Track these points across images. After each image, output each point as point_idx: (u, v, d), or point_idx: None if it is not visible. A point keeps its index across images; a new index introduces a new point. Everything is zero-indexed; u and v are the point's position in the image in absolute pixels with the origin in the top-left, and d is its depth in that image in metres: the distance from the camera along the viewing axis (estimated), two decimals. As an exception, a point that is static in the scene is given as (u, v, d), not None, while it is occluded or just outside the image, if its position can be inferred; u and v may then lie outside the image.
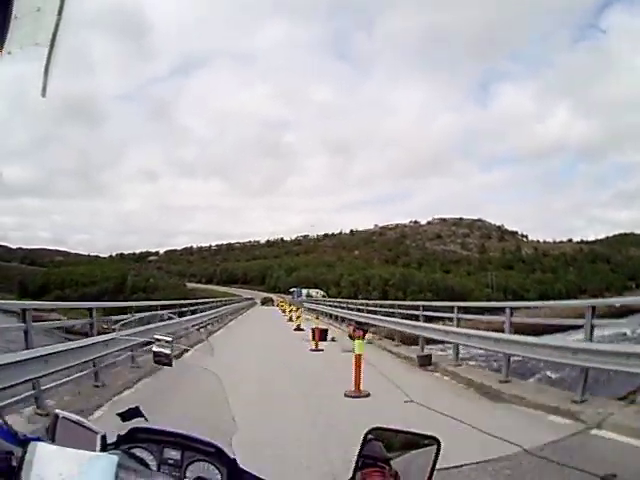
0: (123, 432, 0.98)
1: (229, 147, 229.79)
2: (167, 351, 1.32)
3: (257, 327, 20.36)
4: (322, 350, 11.09)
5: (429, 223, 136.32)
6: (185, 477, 0.96)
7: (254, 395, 6.01)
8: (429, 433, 0.92)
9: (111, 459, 0.60)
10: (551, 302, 12.74)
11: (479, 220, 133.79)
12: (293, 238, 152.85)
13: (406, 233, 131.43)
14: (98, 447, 0.80)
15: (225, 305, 23.92)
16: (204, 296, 33.53)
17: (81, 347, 5.24)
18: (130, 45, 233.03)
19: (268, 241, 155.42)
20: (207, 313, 16.62)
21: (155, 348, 1.32)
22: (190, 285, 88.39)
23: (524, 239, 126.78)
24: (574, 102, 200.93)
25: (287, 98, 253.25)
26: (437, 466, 0.85)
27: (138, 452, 0.93)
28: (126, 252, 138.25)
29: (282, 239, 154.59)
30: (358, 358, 6.35)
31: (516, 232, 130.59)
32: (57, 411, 0.87)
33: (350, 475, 0.86)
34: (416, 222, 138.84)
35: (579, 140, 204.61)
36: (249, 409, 4.77)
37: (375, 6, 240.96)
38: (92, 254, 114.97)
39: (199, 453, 0.96)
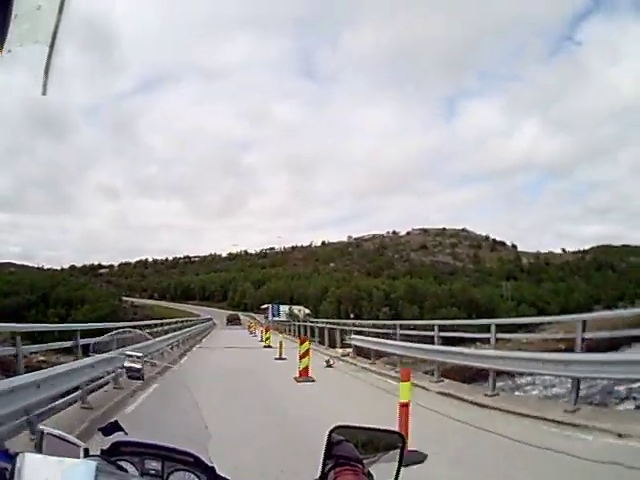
0: (105, 446, 1.00)
1: (190, 166, 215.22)
2: (138, 366, 1.42)
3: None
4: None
5: (409, 234, 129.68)
6: None
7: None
8: (393, 429, 0.92)
9: (90, 464, 0.66)
10: None
11: (464, 230, 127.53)
12: (258, 251, 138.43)
13: (386, 244, 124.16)
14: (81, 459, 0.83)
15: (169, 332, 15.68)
16: (148, 315, 29.16)
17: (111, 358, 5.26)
18: (95, 58, 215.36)
19: (230, 254, 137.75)
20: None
21: (127, 363, 1.40)
22: (139, 301, 77.80)
23: (514, 249, 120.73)
24: (544, 117, 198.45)
25: (249, 116, 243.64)
26: None
27: (123, 464, 0.95)
28: (78, 265, 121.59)
29: (246, 252, 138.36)
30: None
31: (504, 242, 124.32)
32: (41, 427, 0.90)
33: (318, 475, 0.85)
34: (395, 232, 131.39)
35: (548, 155, 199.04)
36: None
37: (341, 24, 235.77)
38: (47, 267, 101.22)
39: (179, 463, 0.99)
